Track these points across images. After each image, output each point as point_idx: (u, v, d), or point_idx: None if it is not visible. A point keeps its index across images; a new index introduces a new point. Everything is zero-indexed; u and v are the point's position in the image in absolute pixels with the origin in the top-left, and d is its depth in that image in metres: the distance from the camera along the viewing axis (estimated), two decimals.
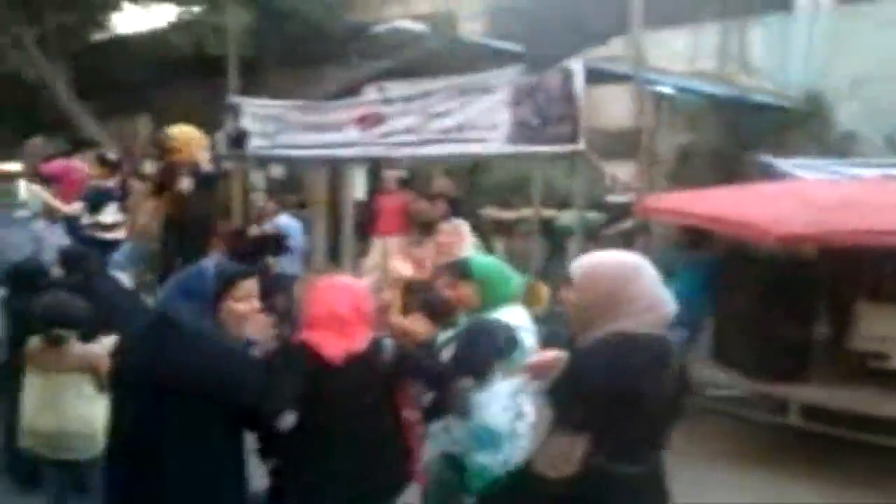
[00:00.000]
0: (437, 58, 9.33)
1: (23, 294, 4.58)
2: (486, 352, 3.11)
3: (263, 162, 10.95)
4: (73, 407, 3.82)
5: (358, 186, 11.04)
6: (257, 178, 11.89)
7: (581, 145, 7.27)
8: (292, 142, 10.06)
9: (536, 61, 8.13)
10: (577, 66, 7.34)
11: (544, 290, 6.58)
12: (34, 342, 3.90)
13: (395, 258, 7.98)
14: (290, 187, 11.48)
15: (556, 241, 9.18)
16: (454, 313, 3.61)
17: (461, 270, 3.56)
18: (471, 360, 3.12)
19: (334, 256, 11.92)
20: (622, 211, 8.42)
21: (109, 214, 7.27)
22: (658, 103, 8.97)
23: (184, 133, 7.05)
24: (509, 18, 12.04)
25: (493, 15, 12.47)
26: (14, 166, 18.07)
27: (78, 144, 10.50)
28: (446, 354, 3.35)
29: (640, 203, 7.32)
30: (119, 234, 7.39)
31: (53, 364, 3.86)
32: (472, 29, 12.20)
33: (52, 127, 15.67)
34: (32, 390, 3.89)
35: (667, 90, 9.47)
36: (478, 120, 8.15)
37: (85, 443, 3.81)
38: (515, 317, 3.35)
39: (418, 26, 10.35)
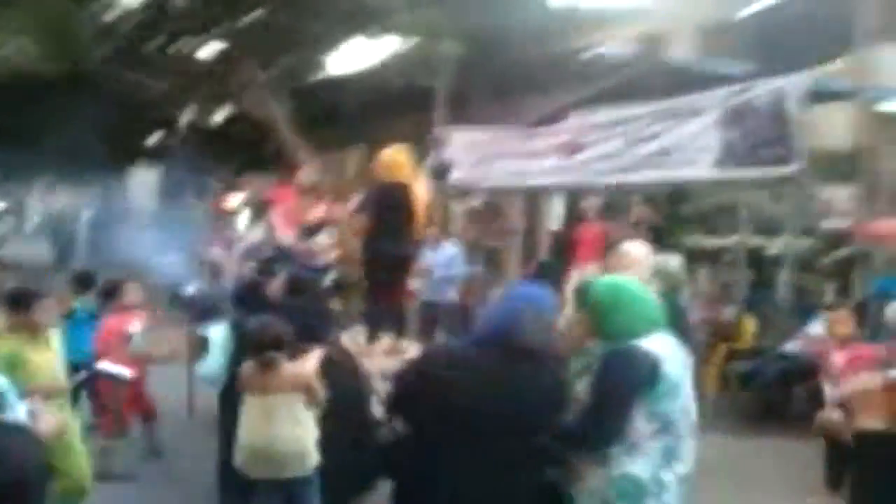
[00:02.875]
0: (643, 82, 8.99)
1: (246, 316, 4.75)
2: (624, 384, 2.84)
3: (464, 193, 11.07)
4: (286, 426, 3.88)
5: (554, 216, 10.87)
6: (456, 208, 12.06)
7: (795, 169, 6.70)
8: (493, 171, 10.11)
9: (749, 81, 7.60)
10: (791, 85, 6.81)
11: (749, 323, 6.08)
12: (248, 365, 4.01)
13: None
14: (491, 218, 11.51)
15: (764, 271, 8.50)
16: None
17: (580, 294, 3.28)
18: (608, 393, 2.88)
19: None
20: (838, 238, 7.66)
21: (322, 240, 7.46)
22: (883, 123, 8.08)
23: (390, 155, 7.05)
24: (720, 38, 11.45)
25: (704, 35, 11.90)
26: (237, 199, 19.74)
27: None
28: (580, 386, 3.14)
29: (861, 229, 6.63)
30: (327, 259, 7.53)
31: (267, 385, 3.94)
32: (681, 50, 11.72)
33: (272, 161, 16.96)
34: (248, 410, 3.99)
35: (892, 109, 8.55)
36: (685, 144, 7.76)
37: (297, 461, 3.89)
38: (660, 346, 2.95)
39: (624, 51, 10.07)
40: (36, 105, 15.77)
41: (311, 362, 4.03)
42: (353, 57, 16.02)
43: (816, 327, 6.54)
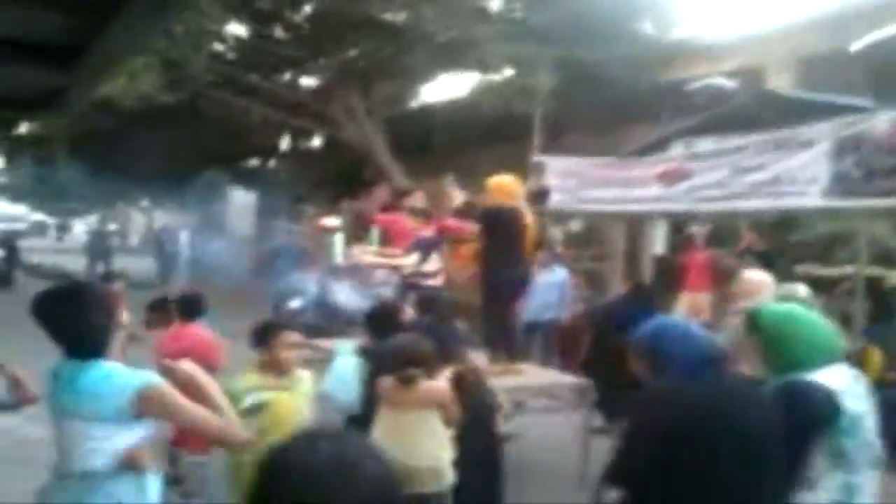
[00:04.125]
0: (746, 113, 9.07)
1: (378, 336, 4.87)
2: (801, 419, 2.57)
3: (563, 217, 11.24)
4: (422, 442, 3.91)
5: (657, 241, 10.97)
6: (555, 232, 12.25)
7: None
8: (593, 196, 10.29)
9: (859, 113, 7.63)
10: None
11: (875, 355, 6.05)
12: (387, 381, 4.02)
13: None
14: (588, 241, 11.67)
15: (884, 302, 8.38)
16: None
17: (749, 321, 3.02)
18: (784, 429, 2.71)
19: None
20: None
21: (432, 263, 7.65)
22: None
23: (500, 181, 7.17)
24: (822, 70, 11.43)
25: (803, 66, 11.89)
26: (333, 221, 20.28)
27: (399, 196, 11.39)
28: None
29: None
30: (437, 282, 7.71)
31: (404, 401, 3.96)
32: (780, 83, 11.73)
33: (369, 186, 17.45)
34: (383, 426, 3.98)
35: None
36: (795, 173, 7.82)
37: (432, 476, 3.90)
38: (837, 379, 2.73)
39: (728, 83, 10.15)
40: (145, 129, 16.68)
41: (445, 380, 4.09)
42: (448, 87, 16.51)
43: None
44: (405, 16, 14.18)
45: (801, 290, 4.66)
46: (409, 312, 5.51)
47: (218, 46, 15.58)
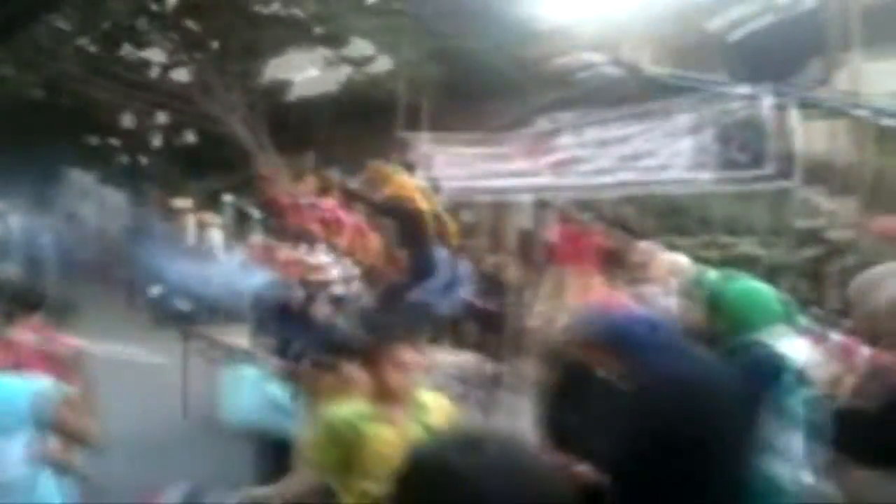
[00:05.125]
0: (611, 89, 9.31)
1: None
2: (757, 382, 2.65)
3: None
4: None
5: (524, 217, 11.05)
6: None
7: (769, 171, 7.08)
8: (456, 175, 10.26)
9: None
10: (765, 91, 7.18)
11: None
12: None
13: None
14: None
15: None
16: None
17: (695, 288, 3.18)
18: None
19: None
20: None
21: (319, 254, 7.22)
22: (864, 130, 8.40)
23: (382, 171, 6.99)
24: (682, 52, 11.83)
25: (666, 50, 12.25)
26: (185, 202, 19.48)
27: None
28: None
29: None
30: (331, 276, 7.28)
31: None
32: (636, 59, 12.08)
33: (221, 164, 16.88)
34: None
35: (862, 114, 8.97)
36: (658, 149, 8.08)
37: None
38: (784, 342, 2.81)
39: (594, 57, 10.35)
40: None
41: None
42: (312, 77, 16.19)
43: None
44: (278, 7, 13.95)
45: (683, 260, 4.75)
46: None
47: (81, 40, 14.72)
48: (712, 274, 3.15)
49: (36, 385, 2.49)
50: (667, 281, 4.25)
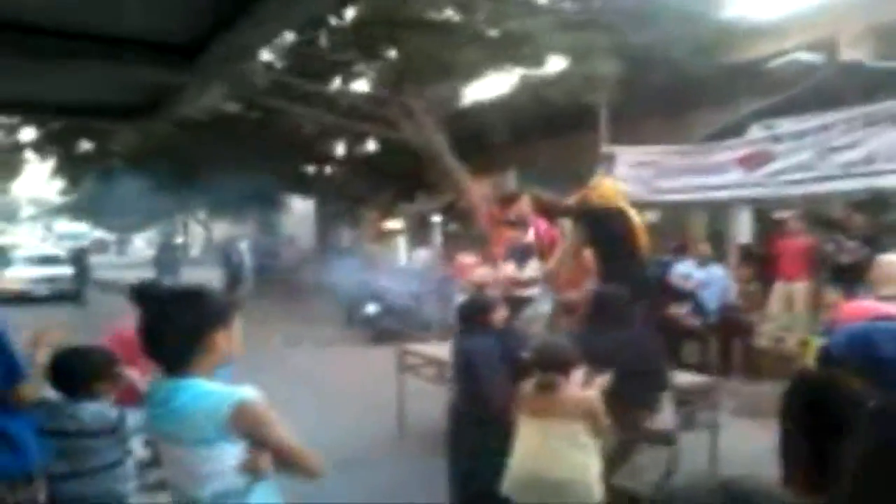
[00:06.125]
0: (828, 90, 8.66)
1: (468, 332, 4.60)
2: None
3: (640, 208, 10.89)
4: (567, 454, 3.58)
5: (742, 229, 10.57)
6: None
7: None
8: (670, 186, 9.96)
9: None
10: None
11: None
12: (527, 387, 3.77)
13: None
14: (669, 231, 11.29)
15: None
16: None
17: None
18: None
19: None
20: None
21: (528, 270, 7.25)
22: None
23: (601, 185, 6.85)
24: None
25: (878, 37, 11.29)
26: (396, 224, 20.29)
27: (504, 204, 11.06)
28: None
29: None
30: (534, 291, 7.32)
31: (547, 409, 3.67)
32: (855, 55, 11.22)
33: (433, 187, 17.33)
34: (524, 435, 3.72)
35: None
36: (889, 150, 7.43)
37: (578, 492, 3.57)
38: None
39: (813, 56, 9.70)
40: (202, 140, 16.79)
41: (595, 388, 3.79)
42: (499, 83, 16.26)
43: None
44: (453, 14, 14.03)
45: None
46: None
47: (266, 55, 15.57)
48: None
49: (238, 394, 2.32)
50: None
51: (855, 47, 11.52)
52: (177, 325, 2.33)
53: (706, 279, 9.02)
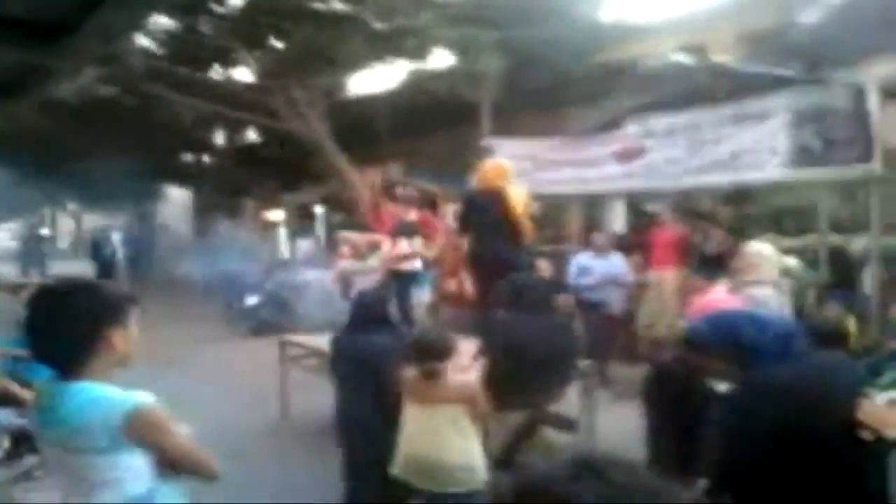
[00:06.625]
0: (699, 89, 9.09)
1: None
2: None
3: None
4: (449, 438, 3.71)
5: (616, 221, 10.96)
6: None
7: (875, 166, 6.82)
8: (548, 178, 10.23)
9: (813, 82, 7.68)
10: (868, 81, 6.92)
11: (850, 324, 6.08)
12: (410, 373, 3.86)
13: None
14: (544, 224, 11.59)
15: (846, 269, 8.40)
16: None
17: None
18: None
19: None
20: None
21: (411, 245, 7.29)
22: None
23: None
24: (764, 45, 11.50)
25: (748, 43, 11.92)
26: (278, 215, 19.98)
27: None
28: None
29: None
30: (417, 265, 7.35)
31: (429, 395, 3.77)
32: (723, 58, 11.79)
33: (313, 178, 17.14)
34: (409, 419, 3.84)
35: None
36: (754, 146, 7.88)
37: (458, 475, 3.69)
38: None
39: (686, 57, 10.15)
40: (71, 128, 16.03)
41: (475, 373, 3.92)
42: (384, 75, 16.23)
43: None
44: (340, 5, 13.93)
45: (791, 261, 4.64)
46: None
47: (144, 41, 15.02)
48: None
49: (132, 399, 2.19)
50: (779, 282, 4.16)
51: (724, 51, 12.12)
52: (68, 323, 2.18)
53: (610, 271, 8.54)
